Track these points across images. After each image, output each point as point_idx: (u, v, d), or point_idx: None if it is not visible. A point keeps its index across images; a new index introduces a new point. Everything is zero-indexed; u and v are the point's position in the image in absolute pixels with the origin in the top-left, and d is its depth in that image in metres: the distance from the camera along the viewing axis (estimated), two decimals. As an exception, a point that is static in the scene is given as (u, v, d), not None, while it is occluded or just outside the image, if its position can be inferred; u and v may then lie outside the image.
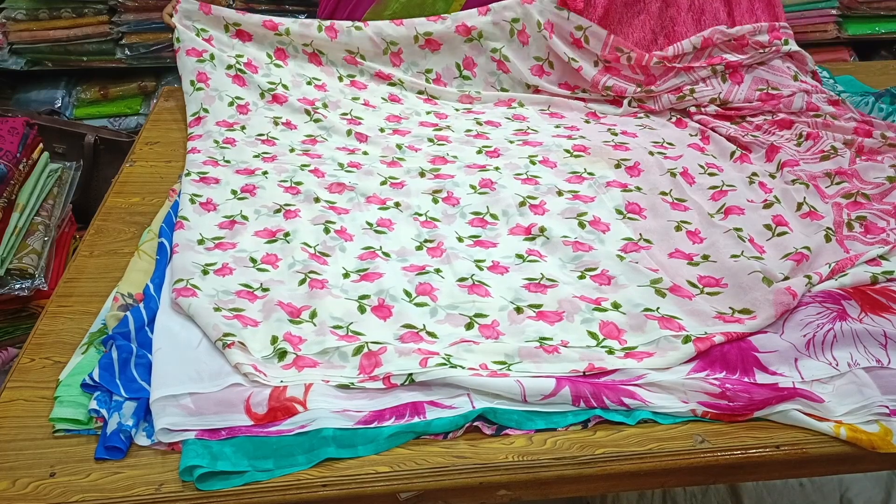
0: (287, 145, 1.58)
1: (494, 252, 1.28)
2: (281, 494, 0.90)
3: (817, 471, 0.99)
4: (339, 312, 1.12)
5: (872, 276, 1.18)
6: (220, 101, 1.66)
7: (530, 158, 1.54)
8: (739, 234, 1.28)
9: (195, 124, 1.62)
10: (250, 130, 1.62)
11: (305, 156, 1.55)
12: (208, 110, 1.64)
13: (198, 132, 1.60)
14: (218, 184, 1.43)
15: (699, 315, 1.13)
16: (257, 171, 1.47)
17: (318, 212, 1.36)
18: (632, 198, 1.41)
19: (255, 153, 1.54)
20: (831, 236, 1.27)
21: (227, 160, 1.50)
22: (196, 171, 1.45)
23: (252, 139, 1.59)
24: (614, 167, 1.51)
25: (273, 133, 1.62)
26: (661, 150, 1.58)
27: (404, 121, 1.70)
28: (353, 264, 1.24)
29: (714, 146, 1.61)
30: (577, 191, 1.45)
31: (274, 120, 1.65)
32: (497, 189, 1.44)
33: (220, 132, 1.59)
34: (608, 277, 1.21)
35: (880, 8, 2.65)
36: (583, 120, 1.73)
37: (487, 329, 1.11)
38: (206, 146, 1.54)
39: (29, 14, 2.58)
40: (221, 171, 1.47)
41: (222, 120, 1.63)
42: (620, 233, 1.33)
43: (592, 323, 1.12)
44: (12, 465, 0.91)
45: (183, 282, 1.14)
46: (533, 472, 0.93)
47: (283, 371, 1.03)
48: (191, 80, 1.69)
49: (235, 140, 1.57)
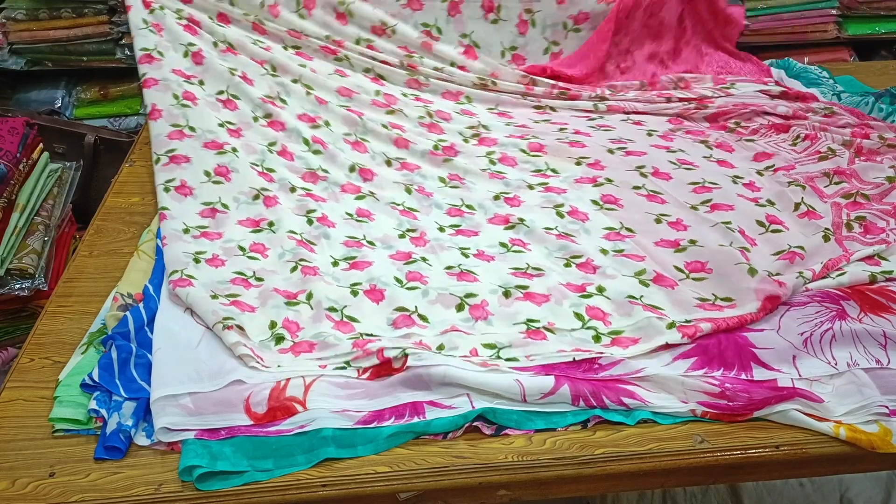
0: (249, 112, 1.58)
1: (477, 241, 1.30)
2: (280, 494, 0.90)
3: (817, 471, 0.99)
4: (333, 296, 1.14)
5: (871, 275, 1.18)
6: (174, 52, 1.65)
7: (489, 156, 1.55)
8: (728, 226, 1.29)
9: (146, 61, 1.61)
10: (209, 87, 1.61)
11: (269, 128, 1.55)
12: (163, 54, 1.63)
13: (152, 74, 1.58)
14: (189, 163, 1.42)
15: (681, 304, 1.15)
16: (226, 146, 1.46)
17: (297, 201, 1.38)
18: (605, 190, 1.43)
19: (220, 120, 1.53)
20: (830, 236, 1.27)
21: (192, 127, 1.49)
22: (164, 150, 1.44)
23: (213, 98, 1.58)
24: (575, 164, 1.52)
25: (232, 89, 1.61)
26: (620, 146, 1.58)
27: (356, 96, 1.68)
28: (340, 251, 1.26)
29: (681, 142, 1.62)
30: (547, 183, 1.46)
31: (230, 70, 1.64)
32: (467, 185, 1.46)
33: (179, 83, 1.58)
34: (593, 267, 1.23)
35: (880, 8, 2.65)
36: (532, 120, 1.73)
37: (478, 309, 1.14)
38: (166, 101, 1.53)
39: (29, 14, 2.58)
40: (188, 145, 1.46)
41: (178, 69, 1.62)
42: (601, 222, 1.35)
43: (579, 307, 1.14)
44: (12, 465, 0.91)
45: (178, 272, 1.15)
46: (533, 472, 0.93)
47: (279, 355, 1.04)
48: (143, 19, 1.67)
49: (196, 97, 1.56)
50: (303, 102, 1.63)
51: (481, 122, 1.68)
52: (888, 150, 1.50)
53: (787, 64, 1.91)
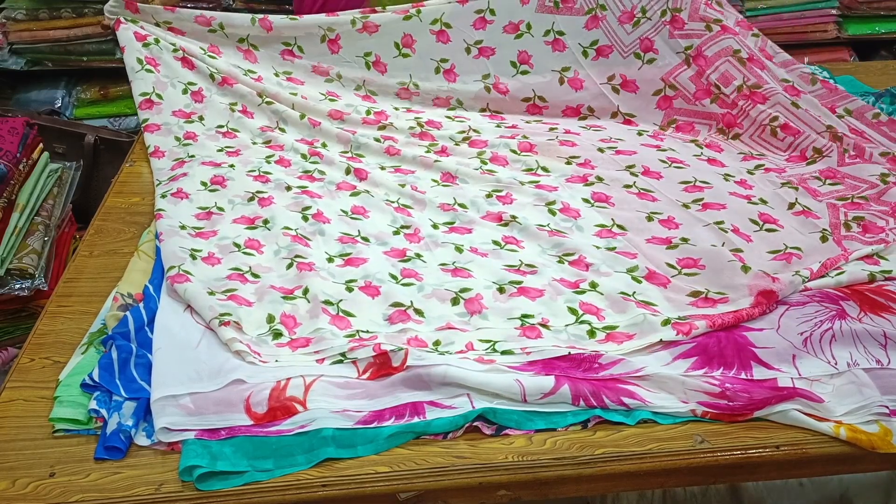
0: (248, 138, 1.59)
1: (471, 238, 1.31)
2: (280, 494, 0.90)
3: (817, 471, 0.99)
4: (329, 291, 1.15)
5: (870, 274, 1.18)
6: (173, 89, 1.65)
7: (479, 157, 1.55)
8: (721, 226, 1.29)
9: (146, 106, 1.61)
10: (209, 122, 1.61)
11: (268, 147, 1.57)
12: (162, 97, 1.63)
13: (154, 120, 1.59)
14: (186, 176, 1.44)
15: (674, 301, 1.15)
16: (224, 164, 1.49)
17: (292, 199, 1.39)
18: (596, 189, 1.44)
19: (219, 147, 1.55)
20: (828, 237, 1.27)
21: (192, 155, 1.51)
22: (166, 178, 1.45)
23: (213, 132, 1.59)
24: (565, 164, 1.53)
25: (232, 124, 1.62)
26: (611, 146, 1.58)
27: (347, 116, 1.66)
28: (335, 248, 1.27)
29: (671, 141, 1.62)
30: (538, 181, 1.47)
31: (230, 107, 1.64)
32: (459, 183, 1.47)
33: (179, 125, 1.58)
34: (586, 264, 1.23)
35: (880, 8, 2.65)
36: (523, 120, 1.73)
37: (472, 303, 1.14)
38: (169, 145, 1.54)
39: (29, 14, 2.58)
40: (188, 166, 1.48)
41: (178, 109, 1.62)
42: (593, 219, 1.36)
43: (573, 303, 1.15)
44: (12, 465, 0.91)
45: (175, 268, 1.16)
46: (533, 472, 0.93)
47: (277, 349, 1.05)
48: (138, 58, 1.65)
49: (196, 135, 1.57)
50: (300, 129, 1.63)
51: (472, 126, 1.68)
52: (874, 143, 1.49)
53: (787, 64, 1.91)
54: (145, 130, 1.58)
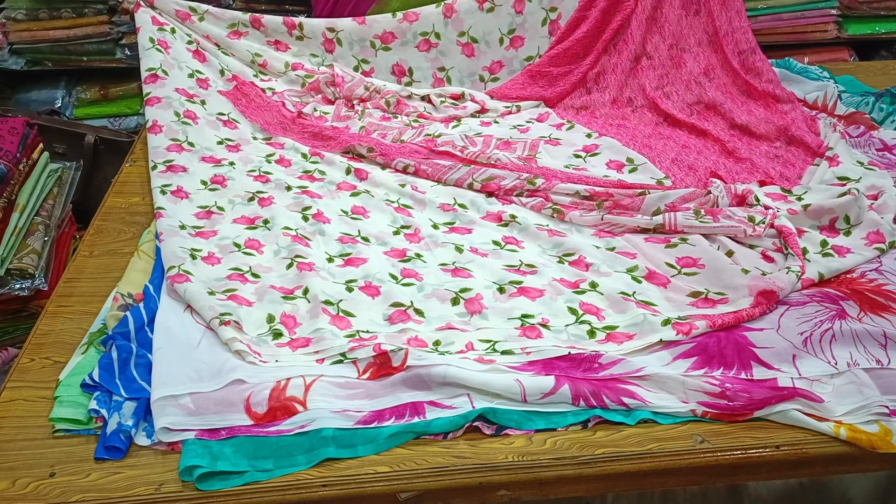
0: (249, 132, 1.60)
1: (470, 238, 1.31)
2: (281, 494, 0.90)
3: (817, 471, 0.99)
4: (329, 290, 1.15)
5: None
6: (179, 71, 1.65)
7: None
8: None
9: (151, 81, 1.62)
10: (211, 107, 1.62)
11: (269, 145, 1.58)
12: (168, 73, 1.64)
13: (156, 93, 1.59)
14: (185, 172, 1.44)
15: (674, 301, 1.15)
16: (223, 161, 1.49)
17: (292, 199, 1.39)
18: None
19: (219, 138, 1.55)
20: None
21: (191, 142, 1.51)
22: (161, 160, 1.46)
23: (213, 118, 1.60)
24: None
25: (234, 115, 1.63)
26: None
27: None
28: (335, 248, 1.27)
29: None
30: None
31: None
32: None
33: (181, 101, 1.59)
34: (586, 264, 1.23)
35: (880, 8, 2.64)
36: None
37: (473, 303, 1.14)
38: (167, 118, 1.54)
39: (29, 14, 2.57)
40: (186, 157, 1.48)
41: (182, 88, 1.63)
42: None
43: (573, 303, 1.15)
44: (12, 465, 0.92)
45: (175, 268, 1.16)
46: (533, 472, 0.93)
47: (277, 349, 1.05)
48: (150, 38, 1.67)
49: (196, 116, 1.57)
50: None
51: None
52: None
53: (788, 64, 1.91)
54: (146, 105, 1.58)
